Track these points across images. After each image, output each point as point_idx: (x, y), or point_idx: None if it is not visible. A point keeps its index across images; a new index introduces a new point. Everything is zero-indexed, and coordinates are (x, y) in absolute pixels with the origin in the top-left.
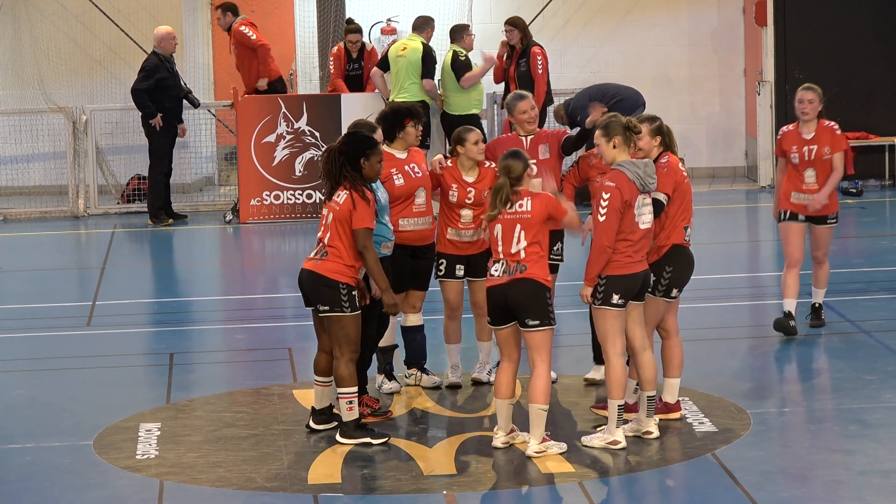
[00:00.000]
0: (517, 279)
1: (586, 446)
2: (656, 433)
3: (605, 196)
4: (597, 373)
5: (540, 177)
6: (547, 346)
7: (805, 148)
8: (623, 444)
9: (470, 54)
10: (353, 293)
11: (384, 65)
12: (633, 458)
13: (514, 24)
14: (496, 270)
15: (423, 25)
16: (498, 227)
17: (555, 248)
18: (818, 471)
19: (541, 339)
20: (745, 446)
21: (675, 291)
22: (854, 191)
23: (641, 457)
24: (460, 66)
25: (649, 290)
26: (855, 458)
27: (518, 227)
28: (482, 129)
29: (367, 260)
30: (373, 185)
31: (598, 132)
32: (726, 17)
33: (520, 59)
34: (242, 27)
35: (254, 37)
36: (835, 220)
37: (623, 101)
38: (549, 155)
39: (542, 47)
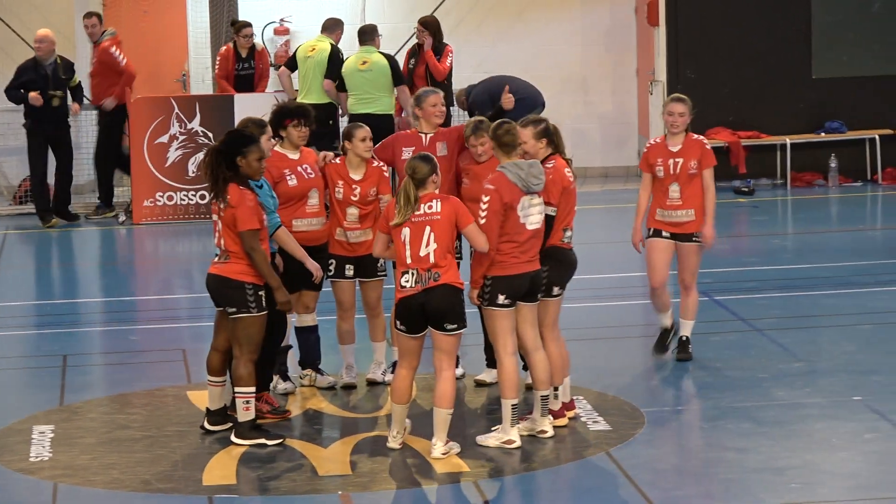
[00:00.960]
0: (431, 287)
1: (481, 445)
2: (551, 432)
3: (485, 199)
4: (487, 375)
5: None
6: (456, 349)
7: (671, 160)
8: (518, 443)
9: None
10: (260, 293)
11: (292, 65)
12: (528, 457)
13: (426, 24)
14: (406, 282)
15: (333, 27)
16: (406, 231)
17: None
18: (712, 469)
19: (453, 342)
20: (639, 445)
21: (556, 289)
22: (746, 189)
23: (536, 456)
24: (398, 68)
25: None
26: (748, 455)
27: (427, 228)
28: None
29: (254, 260)
30: (260, 185)
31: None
32: (619, 16)
33: (437, 59)
34: (113, 48)
35: (123, 61)
36: (701, 240)
37: (523, 101)
38: (448, 152)
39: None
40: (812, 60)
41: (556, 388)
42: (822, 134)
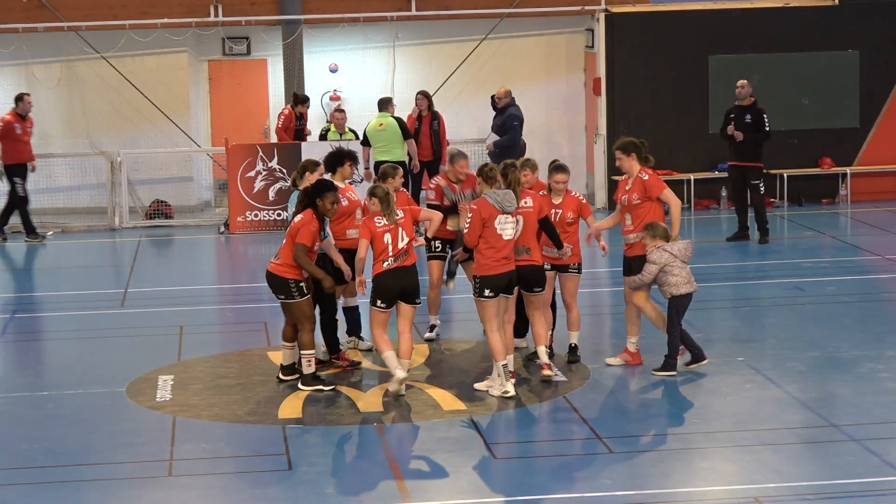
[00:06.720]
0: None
1: (478, 390)
2: (512, 392)
3: (469, 215)
4: (522, 341)
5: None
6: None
7: (553, 211)
8: (512, 392)
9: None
10: (301, 284)
11: (367, 141)
12: (509, 400)
13: (426, 95)
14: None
15: (388, 104)
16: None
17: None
18: (636, 409)
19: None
20: (585, 391)
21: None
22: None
23: (516, 400)
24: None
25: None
26: (662, 400)
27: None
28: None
29: (301, 263)
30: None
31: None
32: (572, 88)
33: (432, 121)
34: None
35: None
36: (577, 270)
37: (511, 148)
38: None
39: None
40: (708, 121)
41: (549, 347)
42: (716, 172)
